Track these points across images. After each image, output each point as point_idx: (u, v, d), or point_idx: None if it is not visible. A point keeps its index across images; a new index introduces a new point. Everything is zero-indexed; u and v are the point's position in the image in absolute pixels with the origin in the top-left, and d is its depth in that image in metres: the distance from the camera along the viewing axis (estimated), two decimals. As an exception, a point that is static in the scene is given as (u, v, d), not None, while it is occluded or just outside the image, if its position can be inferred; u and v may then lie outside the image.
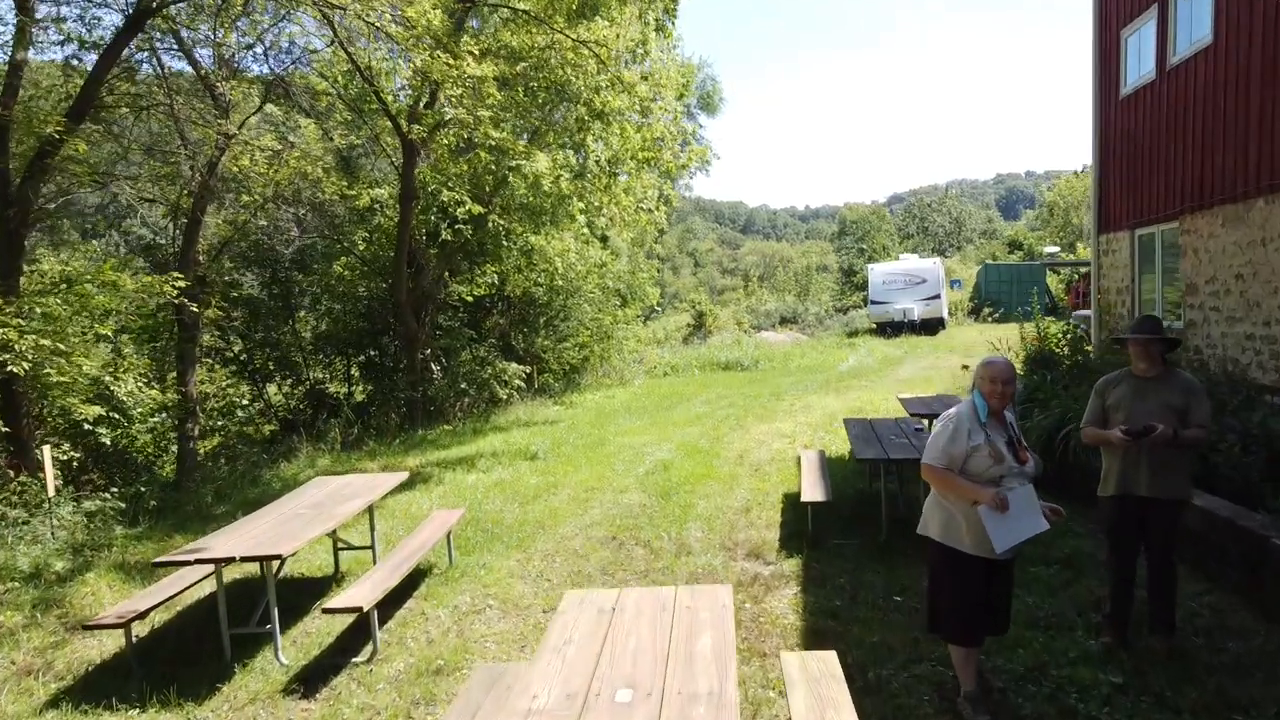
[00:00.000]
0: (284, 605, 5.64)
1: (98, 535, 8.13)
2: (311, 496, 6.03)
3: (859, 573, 5.95)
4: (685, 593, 3.68)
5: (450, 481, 9.76)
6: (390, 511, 8.44)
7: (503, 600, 5.78)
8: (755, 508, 7.85)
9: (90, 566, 7.19)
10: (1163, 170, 9.83)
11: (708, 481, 8.99)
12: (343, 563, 6.70)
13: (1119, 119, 11.04)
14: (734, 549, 6.71)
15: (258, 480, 10.65)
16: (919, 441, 7.06)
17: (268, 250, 15.39)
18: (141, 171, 13.07)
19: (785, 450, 10.59)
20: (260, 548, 4.70)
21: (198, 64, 12.17)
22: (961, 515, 3.89)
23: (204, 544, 4.92)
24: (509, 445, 11.93)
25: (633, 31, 11.93)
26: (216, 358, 15.30)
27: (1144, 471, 4.39)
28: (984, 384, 4.01)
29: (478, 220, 12.24)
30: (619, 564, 6.48)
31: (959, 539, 3.91)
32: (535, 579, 6.22)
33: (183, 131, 12.41)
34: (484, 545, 7.06)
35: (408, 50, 9.46)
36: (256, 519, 5.48)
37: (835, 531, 6.89)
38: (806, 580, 5.88)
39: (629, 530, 7.33)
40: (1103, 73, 11.52)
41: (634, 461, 10.33)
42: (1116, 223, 11.19)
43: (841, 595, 5.57)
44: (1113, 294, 11.37)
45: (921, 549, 4.42)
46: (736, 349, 24.89)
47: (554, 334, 18.44)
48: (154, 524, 8.73)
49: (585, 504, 8.36)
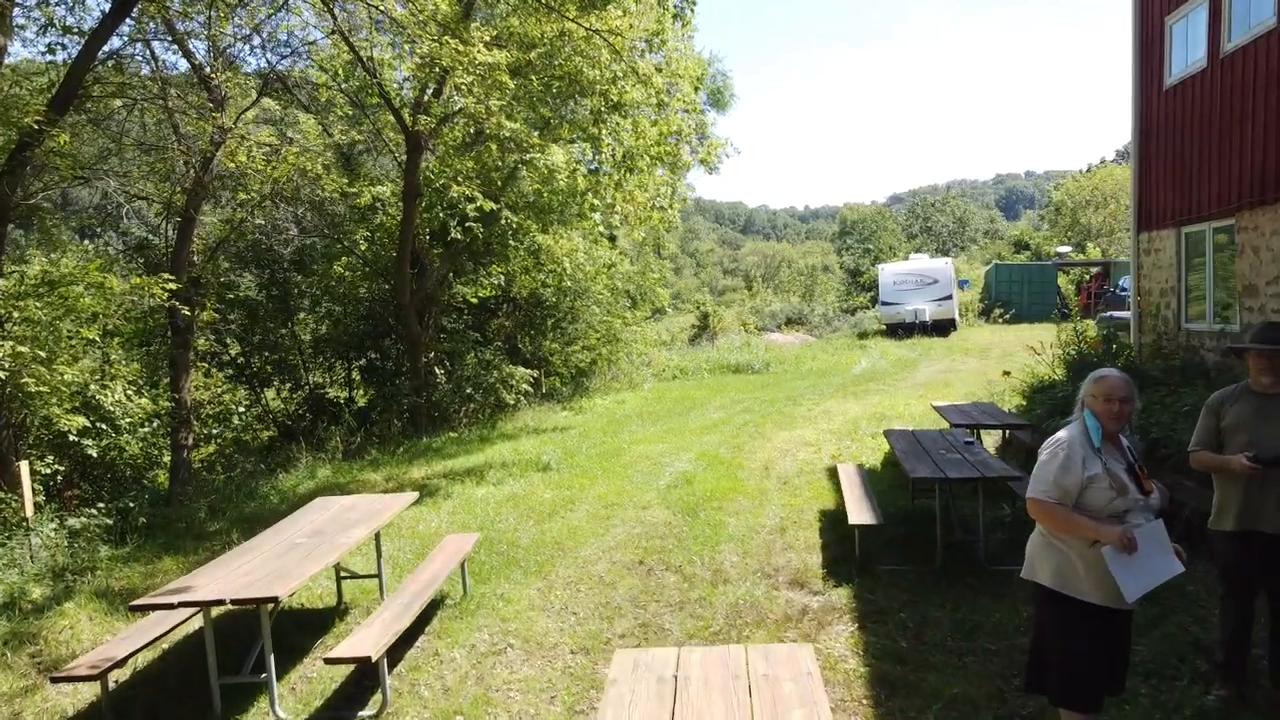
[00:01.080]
0: (281, 645, 5.05)
1: (81, 557, 7.55)
2: (312, 521, 5.44)
3: (920, 605, 5.37)
4: (758, 656, 3.10)
5: (459, 495, 9.17)
6: (397, 530, 7.85)
7: (525, 639, 5.20)
8: (791, 527, 7.27)
9: (71, 594, 6.60)
10: (1215, 164, 9.25)
11: (735, 496, 8.41)
12: (346, 592, 6.11)
13: (1163, 110, 10.46)
14: (774, 575, 6.13)
15: (254, 493, 10.07)
16: (974, 458, 6.49)
17: (266, 250, 14.81)
18: (134, 168, 12.49)
19: (812, 461, 10.02)
20: (253, 588, 4.12)
21: (192, 55, 11.59)
22: (1079, 558, 3.31)
23: (189, 582, 4.33)
24: (519, 455, 11.34)
25: (648, 21, 11.34)
26: (213, 362, 14.71)
27: (1271, 505, 3.81)
28: (1096, 403, 3.43)
29: (488, 218, 11.64)
30: (650, 594, 5.89)
31: (1077, 586, 3.32)
32: (559, 612, 5.63)
33: (177, 125, 11.84)
34: (500, 571, 6.47)
35: (413, 36, 8.87)
36: (250, 550, 4.89)
37: (884, 554, 6.31)
38: (862, 615, 5.30)
39: (657, 553, 6.75)
40: (1144, 63, 10.95)
41: (653, 473, 9.75)
42: (1160, 220, 10.61)
43: (904, 633, 4.99)
44: (1155, 295, 10.79)
45: (992, 582, 3.86)
46: (746, 351, 24.31)
47: (562, 336, 17.84)
48: (143, 543, 8.15)
49: (606, 522, 7.77)
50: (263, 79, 12.87)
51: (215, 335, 14.26)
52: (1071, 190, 50.73)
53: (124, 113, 11.85)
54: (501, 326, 17.32)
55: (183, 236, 11.75)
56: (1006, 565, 5.97)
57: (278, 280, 15.03)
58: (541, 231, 14.29)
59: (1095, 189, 48.96)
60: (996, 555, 6.15)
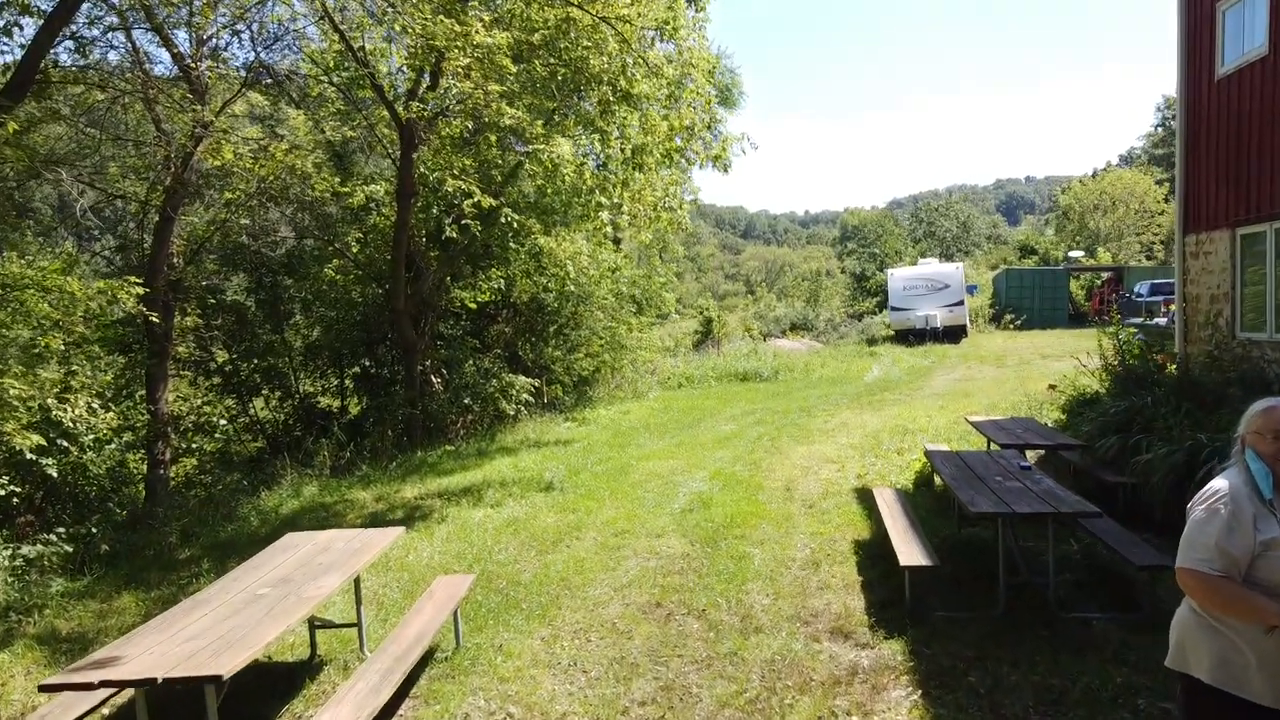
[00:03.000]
0: (238, 715, 4.28)
1: (31, 592, 6.78)
2: (277, 566, 4.65)
3: (989, 664, 4.59)
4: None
5: (454, 519, 8.39)
6: (384, 562, 7.07)
7: (528, 706, 4.41)
8: (824, 561, 6.49)
9: (11, 639, 5.84)
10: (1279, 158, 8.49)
11: (758, 523, 7.63)
12: (321, 642, 5.33)
13: (1215, 102, 9.71)
14: (813, 622, 5.34)
15: (233, 513, 9.28)
16: (1038, 487, 5.71)
17: (254, 253, 14.03)
18: (111, 164, 11.72)
19: (837, 481, 9.24)
20: (194, 659, 3.34)
21: (171, 42, 10.81)
22: (1250, 647, 2.54)
23: (120, 650, 3.55)
24: (519, 472, 10.56)
25: (658, 8, 10.59)
26: (198, 370, 13.92)
27: None
28: (1263, 441, 2.66)
29: (487, 217, 10.86)
30: (671, 646, 5.10)
31: (1244, 683, 2.55)
32: (567, 669, 4.84)
33: (157, 120, 11.07)
34: (498, 615, 5.69)
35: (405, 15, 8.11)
36: (201, 604, 4.11)
37: (936, 596, 5.53)
38: (924, 677, 4.51)
39: (675, 593, 5.97)
40: (1191, 53, 10.20)
41: (666, 494, 8.97)
42: (1211, 221, 9.85)
43: (977, 702, 4.21)
44: (1204, 302, 10.02)
45: (1067, 632, 3.04)
46: (754, 358, 23.54)
47: (564, 343, 17.05)
48: (103, 573, 7.37)
49: (616, 553, 6.99)
50: (249, 71, 12.10)
51: (199, 342, 13.49)
52: (1079, 194, 50.03)
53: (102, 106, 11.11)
54: (501, 333, 16.54)
55: (160, 238, 10.98)
56: (1080, 611, 5.22)
57: (266, 284, 14.27)
58: (544, 233, 13.52)
59: (1103, 193, 48.28)
60: (1068, 600, 5.38)
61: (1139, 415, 8.01)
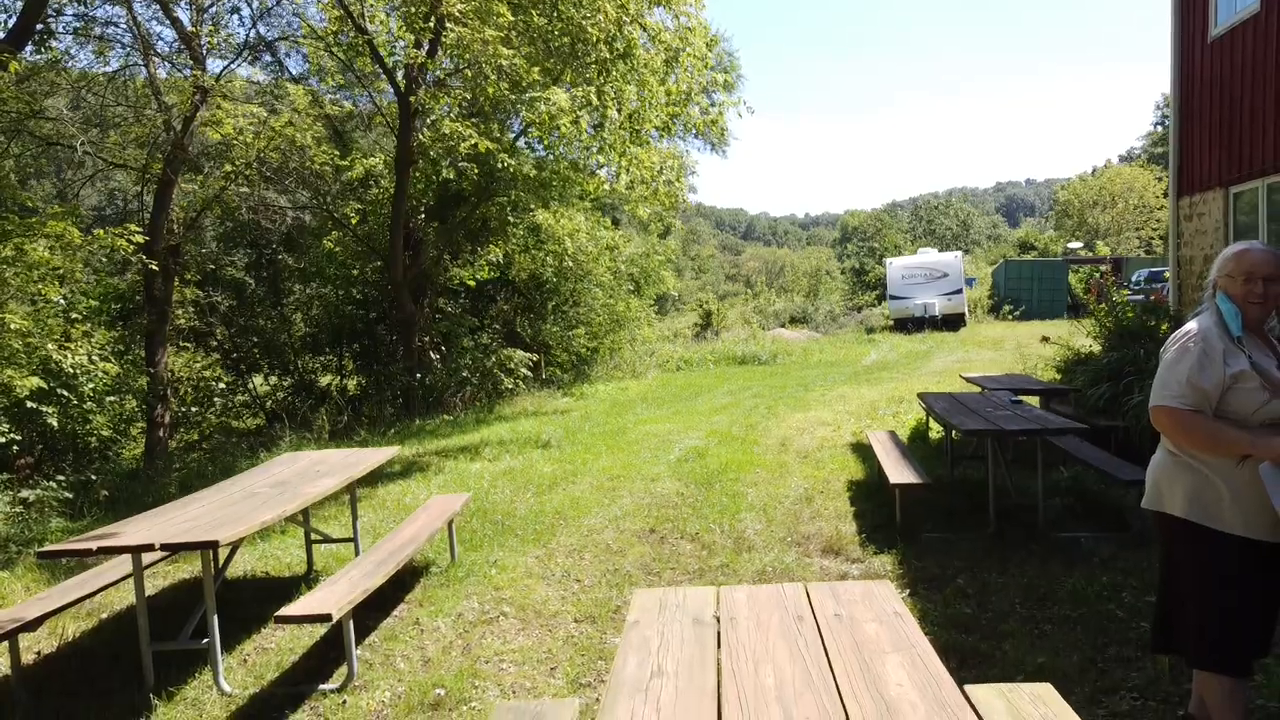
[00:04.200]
0: (235, 615, 4.34)
1: (30, 528, 6.84)
2: (275, 473, 4.72)
3: (978, 572, 4.64)
4: (823, 594, 2.37)
5: (452, 470, 8.45)
6: (380, 502, 7.14)
7: (521, 607, 4.47)
8: (818, 496, 6.54)
9: (11, 564, 5.89)
10: (1273, 114, 8.55)
11: (753, 469, 7.68)
12: (319, 559, 5.39)
13: (1208, 64, 9.77)
14: (804, 543, 5.39)
15: (231, 469, 9.33)
16: (1028, 414, 5.76)
17: (254, 228, 14.10)
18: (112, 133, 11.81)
19: (832, 438, 9.29)
20: (191, 533, 3.39)
21: (169, 7, 10.89)
22: (1224, 481, 2.59)
23: (118, 528, 3.61)
24: (517, 434, 10.62)
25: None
26: (198, 345, 13.98)
27: None
28: (1235, 284, 2.70)
29: (483, 160, 10.84)
30: (664, 561, 5.16)
31: (1221, 517, 2.60)
32: (561, 579, 4.90)
33: (156, 88, 11.16)
34: (494, 539, 5.75)
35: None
36: (198, 499, 4.18)
37: (927, 521, 5.59)
38: (913, 581, 4.57)
39: (670, 522, 6.03)
40: (1184, 16, 10.27)
41: (662, 449, 9.03)
42: (1204, 181, 9.91)
43: (966, 600, 4.26)
44: (1199, 263, 10.08)
45: (1059, 548, 3.10)
46: (752, 343, 23.58)
47: (562, 321, 17.10)
48: (101, 516, 7.43)
49: (612, 493, 7.05)
50: (247, 37, 12.18)
51: (199, 314, 13.55)
52: (1078, 190, 50.14)
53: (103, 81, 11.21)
54: (500, 311, 16.60)
55: (160, 202, 11.06)
56: (1071, 531, 5.27)
57: (265, 260, 14.33)
58: (542, 206, 13.57)
59: (1102, 189, 48.38)
60: (1059, 522, 5.43)
61: (1131, 364, 8.06)
